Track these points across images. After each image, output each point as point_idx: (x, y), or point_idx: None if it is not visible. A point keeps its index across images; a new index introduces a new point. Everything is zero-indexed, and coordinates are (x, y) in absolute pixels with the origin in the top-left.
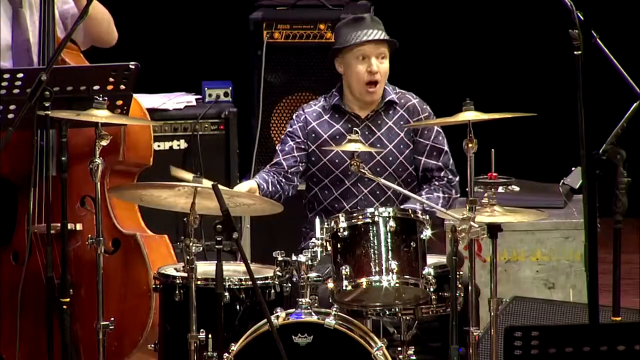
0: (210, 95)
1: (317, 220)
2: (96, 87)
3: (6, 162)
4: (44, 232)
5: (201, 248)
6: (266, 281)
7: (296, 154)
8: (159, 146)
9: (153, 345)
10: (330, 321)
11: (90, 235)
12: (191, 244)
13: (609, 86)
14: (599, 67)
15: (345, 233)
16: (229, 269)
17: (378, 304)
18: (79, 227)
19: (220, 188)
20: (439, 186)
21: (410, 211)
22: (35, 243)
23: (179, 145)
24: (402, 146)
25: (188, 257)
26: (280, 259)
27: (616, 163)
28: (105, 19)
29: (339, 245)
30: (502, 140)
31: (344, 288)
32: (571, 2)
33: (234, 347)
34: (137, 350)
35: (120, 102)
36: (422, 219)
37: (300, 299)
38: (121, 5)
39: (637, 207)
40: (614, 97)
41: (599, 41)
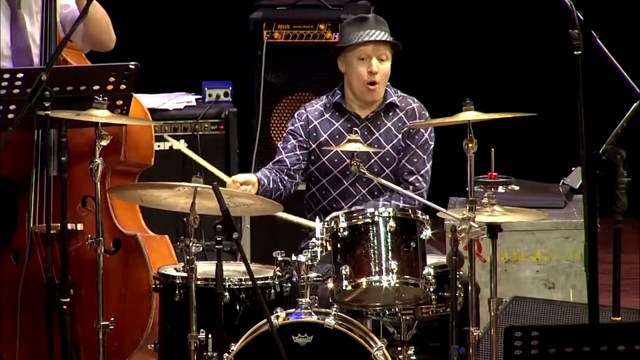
0: (210, 95)
1: (317, 220)
2: (96, 87)
3: (6, 162)
4: (44, 232)
5: (201, 248)
6: (266, 281)
7: (298, 152)
8: (159, 146)
9: (153, 345)
10: (330, 321)
11: (90, 235)
12: (191, 244)
13: (609, 86)
14: (599, 67)
15: (345, 233)
16: (229, 269)
17: (378, 304)
18: (80, 227)
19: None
20: (399, 197)
21: (410, 211)
22: (36, 243)
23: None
24: (399, 148)
25: (188, 257)
26: (280, 259)
27: (616, 163)
28: (104, 20)
29: (339, 245)
30: (502, 140)
31: (344, 288)
32: (571, 2)
33: (234, 347)
34: (138, 350)
35: (120, 102)
36: (422, 219)
37: (300, 299)
38: (121, 6)
39: (637, 207)
40: (614, 97)
41: (599, 41)
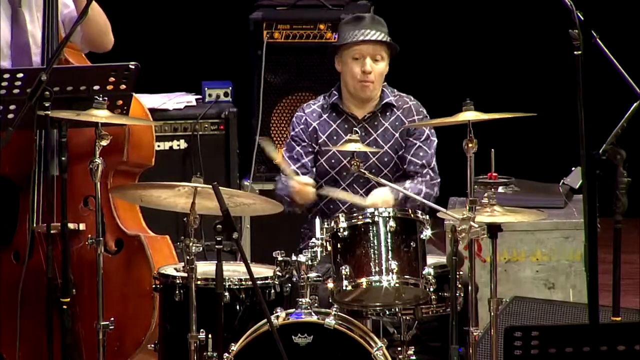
0: (210, 95)
1: (317, 220)
2: (96, 87)
3: (7, 162)
4: (45, 232)
5: (201, 248)
6: (266, 281)
7: (305, 160)
8: (159, 146)
9: (153, 345)
10: (330, 321)
11: (91, 235)
12: (191, 244)
13: (609, 86)
14: (599, 67)
15: (345, 233)
16: (229, 269)
17: (378, 304)
18: (82, 227)
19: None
20: (422, 181)
21: (410, 211)
22: (37, 243)
23: (179, 145)
24: (396, 147)
25: (188, 257)
26: (280, 259)
27: (616, 163)
28: (102, 21)
29: (339, 245)
30: (502, 140)
31: (344, 288)
32: (571, 2)
33: (234, 347)
34: (140, 350)
35: (120, 102)
36: (422, 219)
37: (300, 299)
38: (121, 5)
39: (637, 207)
40: (614, 97)
41: (599, 41)
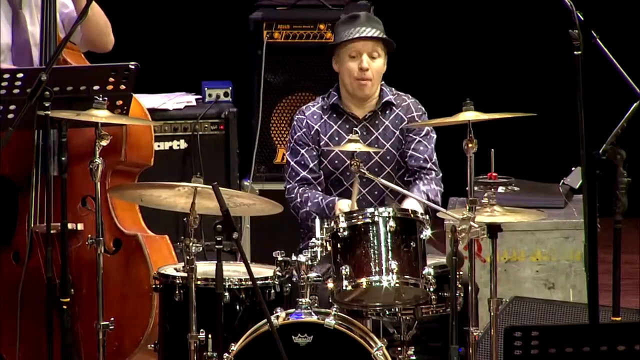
0: (210, 95)
1: (317, 221)
2: (96, 87)
3: (7, 162)
4: (44, 232)
5: (201, 248)
6: (266, 281)
7: (312, 164)
8: (159, 146)
9: (153, 345)
10: (330, 321)
11: (90, 236)
12: (191, 244)
13: (609, 86)
14: (599, 67)
15: (345, 233)
16: (229, 269)
17: (378, 304)
18: (80, 227)
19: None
20: (431, 179)
21: (410, 211)
22: (36, 243)
23: (179, 145)
24: (398, 145)
25: (188, 257)
26: (280, 259)
27: (616, 163)
28: (102, 21)
29: (339, 245)
30: (502, 140)
31: (344, 288)
32: (571, 2)
33: (234, 347)
34: (139, 350)
35: (120, 102)
36: (422, 219)
37: (300, 299)
38: (121, 6)
39: (637, 207)
40: (614, 97)
41: (599, 41)
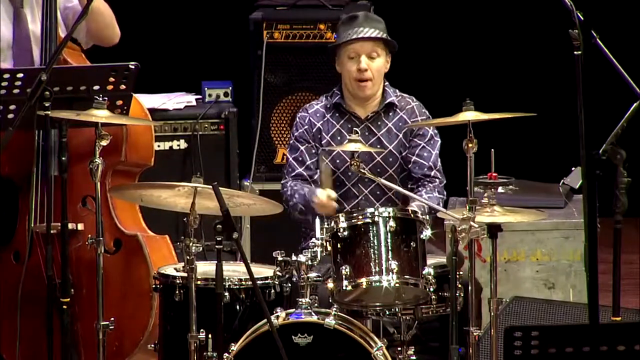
0: (210, 95)
1: (317, 221)
2: (96, 87)
3: (7, 162)
4: (45, 231)
5: (201, 248)
6: (266, 281)
7: (310, 162)
8: (159, 146)
9: (153, 345)
10: (330, 321)
11: (90, 235)
12: (191, 244)
13: (609, 86)
14: (599, 67)
15: (345, 233)
16: (229, 269)
17: (378, 304)
18: (80, 227)
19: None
20: (434, 187)
21: (410, 211)
22: (36, 242)
23: (179, 145)
24: (400, 147)
25: (188, 257)
26: (280, 259)
27: (616, 163)
28: (107, 14)
29: (339, 245)
30: (502, 140)
31: (344, 288)
32: (571, 2)
33: (234, 347)
34: (138, 350)
35: (120, 102)
36: (422, 219)
37: (300, 299)
38: (121, 6)
39: (637, 207)
40: (614, 97)
41: (599, 41)
